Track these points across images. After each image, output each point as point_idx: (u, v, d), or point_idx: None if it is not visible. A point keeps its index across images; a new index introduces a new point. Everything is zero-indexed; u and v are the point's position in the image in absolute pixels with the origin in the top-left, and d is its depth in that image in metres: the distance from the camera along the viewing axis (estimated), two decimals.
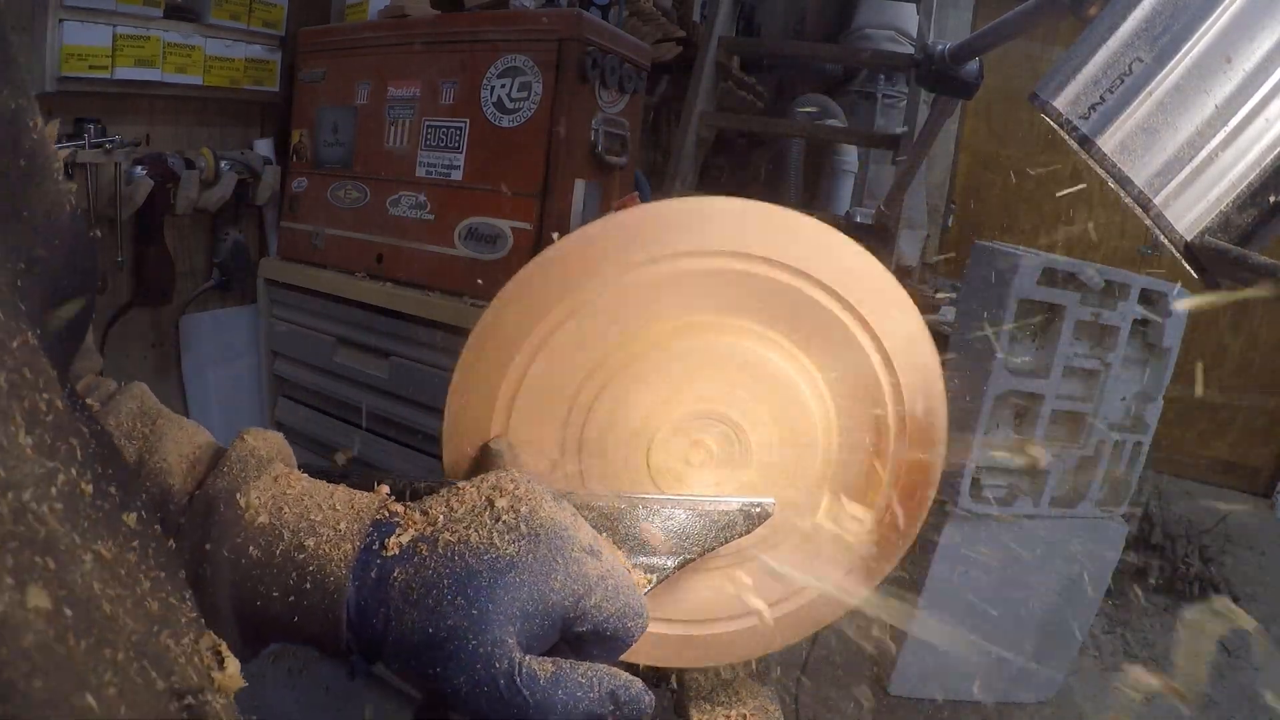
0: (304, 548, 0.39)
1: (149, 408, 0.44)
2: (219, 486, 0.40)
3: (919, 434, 0.57)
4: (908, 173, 1.77)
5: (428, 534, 0.39)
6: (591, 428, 0.55)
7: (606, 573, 0.39)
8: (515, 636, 0.36)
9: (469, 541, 0.38)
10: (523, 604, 0.37)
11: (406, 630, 0.37)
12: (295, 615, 0.38)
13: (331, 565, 0.38)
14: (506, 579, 0.37)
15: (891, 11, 2.95)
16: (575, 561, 0.39)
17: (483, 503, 0.41)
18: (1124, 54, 0.46)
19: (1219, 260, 0.45)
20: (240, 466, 0.41)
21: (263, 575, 0.38)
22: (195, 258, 1.76)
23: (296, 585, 0.38)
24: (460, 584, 0.37)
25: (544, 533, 0.39)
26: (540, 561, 0.38)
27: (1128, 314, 1.69)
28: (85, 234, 0.32)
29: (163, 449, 0.41)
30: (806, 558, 0.58)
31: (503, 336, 0.53)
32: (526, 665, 0.36)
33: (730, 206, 0.53)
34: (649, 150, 2.58)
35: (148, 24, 1.48)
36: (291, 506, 0.40)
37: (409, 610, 0.37)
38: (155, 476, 0.41)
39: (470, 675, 0.35)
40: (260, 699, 1.76)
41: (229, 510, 0.39)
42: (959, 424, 1.55)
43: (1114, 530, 1.87)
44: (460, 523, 0.39)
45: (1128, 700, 1.94)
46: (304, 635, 0.39)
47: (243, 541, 0.39)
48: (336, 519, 0.40)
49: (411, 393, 1.55)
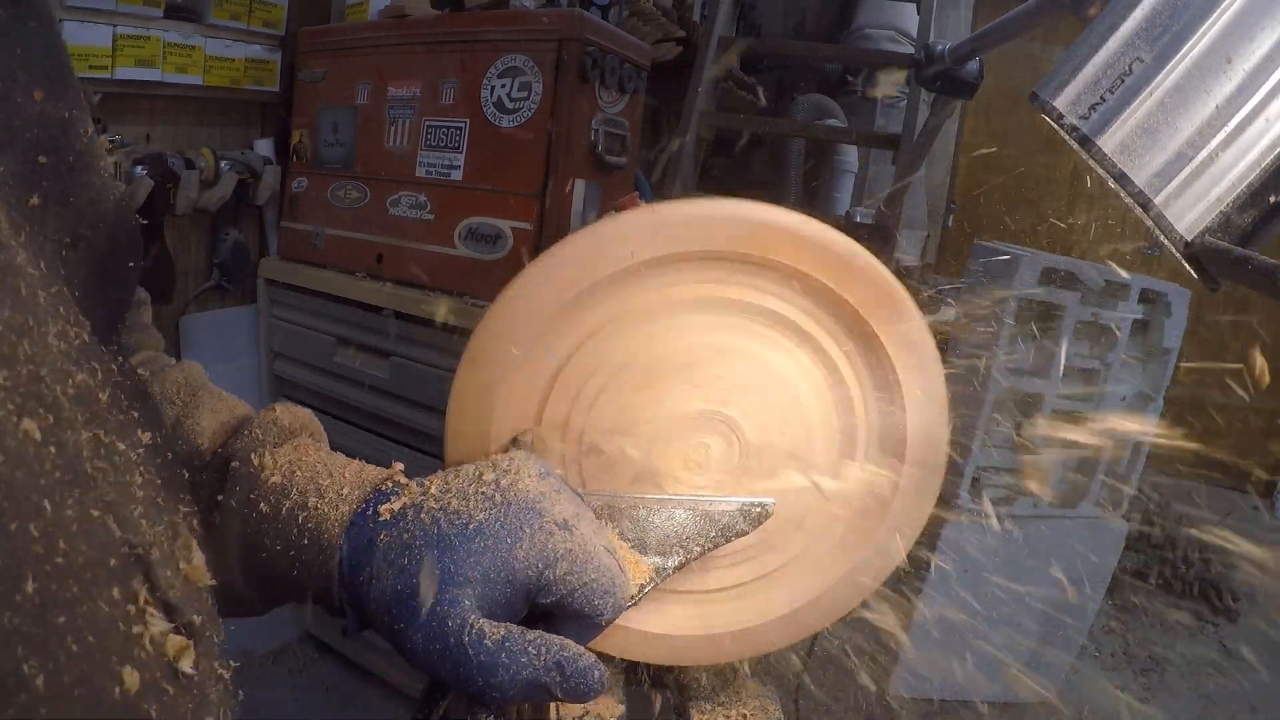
0: (307, 506, 0.41)
1: (194, 381, 0.48)
2: (237, 446, 0.44)
3: (920, 434, 0.57)
4: (908, 173, 1.77)
5: (417, 502, 0.41)
6: (592, 427, 0.55)
7: (576, 548, 0.40)
8: (473, 599, 0.38)
9: (448, 508, 0.40)
10: (485, 568, 0.38)
11: (383, 589, 0.39)
12: (295, 569, 0.41)
13: (328, 524, 0.41)
14: (470, 543, 0.38)
15: (891, 11, 2.95)
16: (544, 532, 0.40)
17: (474, 476, 0.42)
18: (1124, 54, 0.46)
19: (1219, 260, 0.45)
20: (261, 431, 0.45)
21: (269, 529, 0.41)
22: (195, 258, 1.76)
23: (296, 541, 0.41)
24: (429, 545, 0.38)
25: (516, 502, 0.40)
26: (507, 529, 0.39)
27: (1128, 314, 1.69)
28: (129, 221, 0.36)
29: (198, 414, 0.45)
30: (812, 552, 0.58)
31: (504, 336, 0.53)
32: (477, 626, 0.37)
33: (730, 206, 0.52)
34: (649, 150, 2.58)
35: (148, 24, 1.48)
36: (304, 471, 0.43)
37: (386, 570, 0.39)
38: (187, 437, 0.44)
39: (425, 632, 0.37)
40: (260, 699, 1.76)
41: (244, 467, 0.43)
42: (959, 424, 1.56)
43: (1114, 530, 1.87)
44: (449, 493, 0.41)
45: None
46: (304, 591, 0.42)
47: (255, 497, 0.42)
48: (341, 484, 0.42)
49: (411, 393, 1.55)
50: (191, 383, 0.48)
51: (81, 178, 0.32)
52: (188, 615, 0.29)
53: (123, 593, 0.25)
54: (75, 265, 0.31)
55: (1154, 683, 2.14)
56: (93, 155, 0.33)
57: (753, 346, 0.55)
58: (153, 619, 0.27)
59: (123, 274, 0.36)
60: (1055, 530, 1.81)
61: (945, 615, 1.83)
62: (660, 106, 2.58)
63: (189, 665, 0.28)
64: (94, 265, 0.33)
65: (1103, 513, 1.84)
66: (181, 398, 0.46)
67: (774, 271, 0.53)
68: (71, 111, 0.32)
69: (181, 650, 0.28)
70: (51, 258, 0.30)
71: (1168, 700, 2.08)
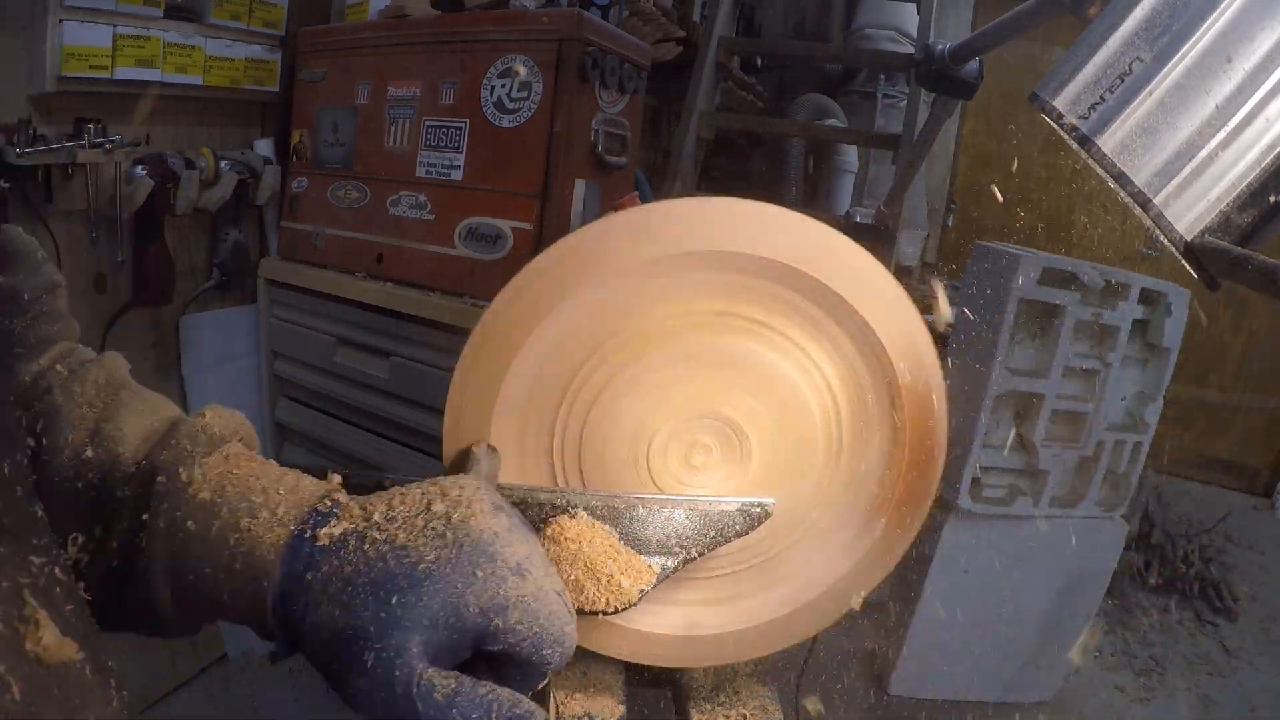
0: (239, 527, 0.39)
1: (116, 379, 0.44)
2: (164, 459, 0.40)
3: (921, 434, 0.57)
4: (908, 173, 1.77)
5: (360, 529, 0.39)
6: (592, 427, 0.55)
7: (529, 594, 0.38)
8: (420, 645, 0.36)
9: (394, 542, 0.38)
10: (434, 614, 0.36)
11: (320, 622, 0.37)
12: (225, 594, 0.39)
13: (262, 548, 0.38)
14: (421, 586, 0.36)
15: (891, 11, 2.95)
16: (496, 578, 0.37)
17: (422, 505, 0.40)
18: (1124, 54, 0.46)
19: (1219, 260, 0.45)
20: (189, 441, 0.41)
21: (197, 549, 0.39)
22: (195, 258, 1.76)
23: (227, 564, 0.38)
24: (376, 585, 0.36)
25: (469, 543, 0.38)
26: (459, 573, 0.37)
27: (1128, 314, 1.69)
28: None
29: (119, 418, 0.41)
30: (818, 549, 0.58)
31: (504, 336, 0.53)
32: (426, 678, 0.35)
33: (730, 205, 0.52)
34: (649, 150, 2.58)
35: (148, 24, 1.48)
36: (235, 485, 0.40)
37: (325, 603, 0.37)
38: (106, 444, 0.41)
39: (370, 678, 0.35)
40: (260, 699, 1.76)
41: (171, 482, 0.40)
42: (959, 424, 1.55)
43: (1114, 530, 1.87)
44: (394, 522, 0.39)
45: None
46: (234, 613, 0.39)
47: (181, 515, 0.39)
48: (276, 503, 0.40)
49: (411, 393, 1.55)
50: (113, 381, 0.44)
51: None
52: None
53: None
54: None
55: (1154, 683, 2.14)
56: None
57: (752, 346, 0.55)
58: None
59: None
60: (1055, 530, 1.81)
61: (945, 615, 1.83)
62: (660, 106, 2.58)
63: None
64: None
65: (1103, 513, 1.83)
66: (101, 399, 0.42)
67: (776, 267, 0.53)
68: None
69: None
70: None
71: (1168, 700, 2.08)
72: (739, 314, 0.54)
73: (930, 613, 1.83)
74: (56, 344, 0.45)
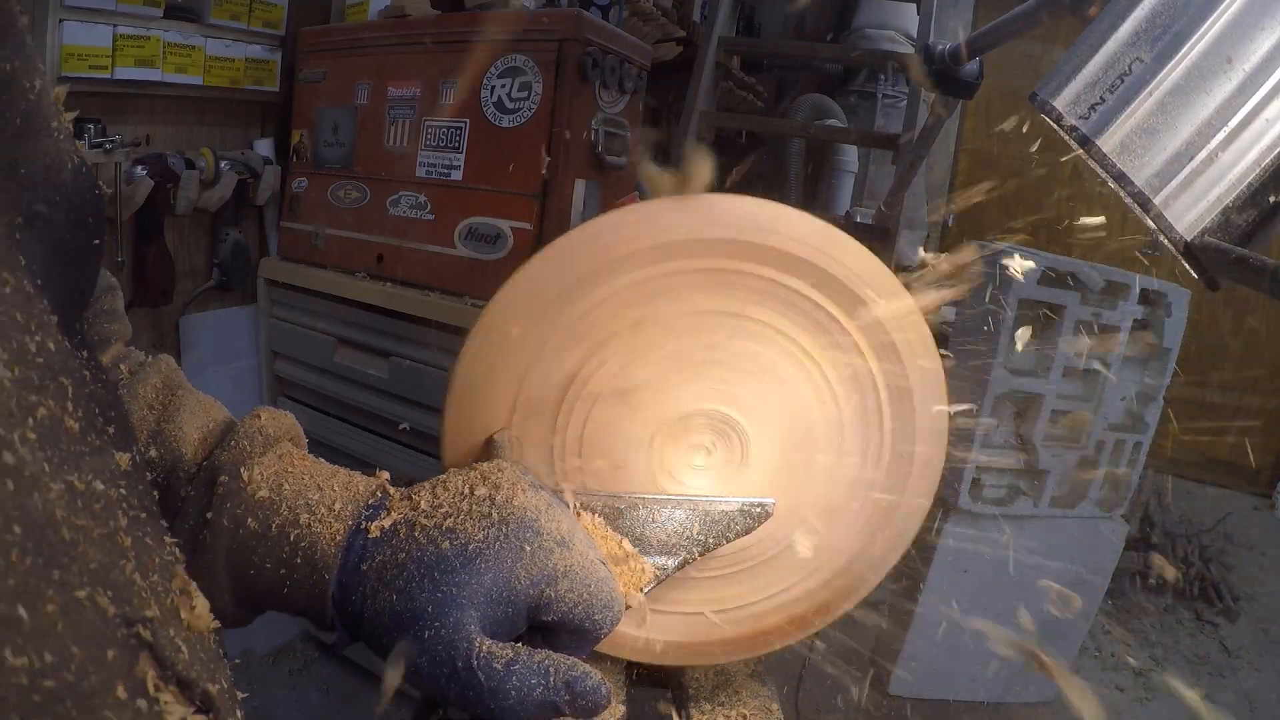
0: (298, 524, 0.40)
1: (172, 380, 0.46)
2: (224, 459, 0.42)
3: (922, 433, 0.57)
4: (908, 173, 1.77)
5: (409, 518, 0.40)
6: (593, 426, 0.55)
7: (575, 564, 0.40)
8: (477, 621, 0.37)
9: (443, 527, 0.39)
10: (487, 589, 0.38)
11: (379, 610, 0.38)
12: (285, 587, 0.40)
13: (322, 543, 0.40)
14: (473, 564, 0.38)
15: (891, 11, 2.95)
16: (543, 550, 0.39)
17: (465, 490, 0.41)
18: (1124, 54, 0.46)
19: (1219, 260, 0.45)
20: (247, 442, 0.43)
21: (258, 546, 0.40)
22: (195, 258, 1.76)
23: (289, 559, 0.40)
24: (429, 567, 0.38)
25: (514, 520, 0.40)
26: (507, 548, 0.39)
27: (1128, 314, 1.69)
28: (91, 191, 0.32)
29: (179, 419, 0.43)
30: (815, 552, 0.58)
31: (504, 335, 0.53)
32: (485, 649, 0.36)
33: (731, 203, 0.53)
34: (649, 150, 2.58)
35: (148, 24, 1.48)
36: (291, 483, 0.42)
37: (382, 590, 0.38)
38: (169, 444, 0.43)
39: (431, 656, 0.36)
40: (260, 699, 1.76)
41: (232, 482, 0.41)
42: (959, 424, 1.55)
43: (1114, 530, 1.87)
44: (440, 509, 0.41)
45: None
46: (294, 607, 0.41)
47: (242, 513, 0.41)
48: (332, 499, 0.42)
49: (411, 393, 1.55)
50: (169, 383, 0.46)
51: (30, 140, 0.28)
52: (202, 684, 0.26)
53: (129, 689, 0.22)
54: (31, 249, 0.27)
55: (1154, 683, 2.14)
56: (44, 114, 0.28)
57: (753, 346, 0.55)
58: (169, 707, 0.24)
59: (86, 255, 0.32)
60: (1055, 530, 1.81)
61: (945, 616, 1.83)
62: (660, 106, 2.58)
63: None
64: (53, 247, 0.29)
65: (1103, 513, 1.83)
66: (161, 401, 0.44)
67: (778, 264, 0.53)
68: (14, 63, 0.27)
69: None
70: (3, 244, 0.26)
71: (1168, 700, 2.08)
72: (744, 314, 0.54)
73: (930, 613, 1.83)
74: (116, 343, 0.47)
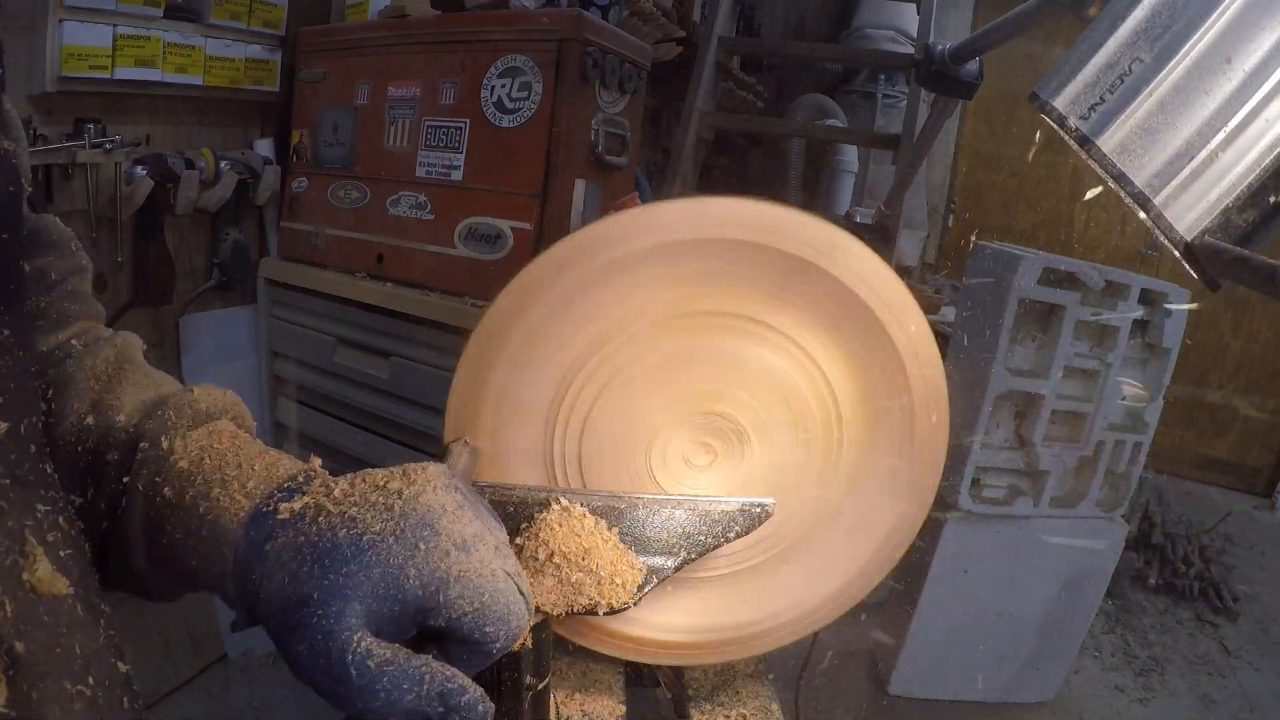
0: (209, 496, 0.40)
1: (125, 356, 0.47)
2: (148, 427, 0.42)
3: (922, 433, 0.57)
4: (908, 173, 1.76)
5: (319, 503, 0.40)
6: (593, 427, 0.55)
7: (472, 570, 0.38)
8: (361, 615, 0.36)
9: (345, 515, 0.38)
10: (374, 583, 0.36)
11: (272, 591, 0.38)
12: (193, 559, 0.40)
13: (227, 516, 0.40)
14: (364, 556, 0.37)
15: (891, 11, 2.95)
16: (438, 551, 0.38)
17: (380, 483, 0.40)
18: (1124, 54, 0.46)
19: (1219, 260, 0.45)
20: (175, 414, 0.43)
21: (170, 515, 0.41)
22: (195, 258, 1.76)
23: (196, 530, 0.40)
24: (321, 554, 0.37)
25: (414, 516, 0.38)
26: (401, 544, 0.37)
27: (1128, 314, 1.68)
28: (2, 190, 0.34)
29: (119, 390, 0.44)
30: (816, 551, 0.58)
31: (504, 336, 0.53)
32: (362, 645, 0.35)
33: (731, 203, 0.52)
34: (648, 150, 2.58)
35: (148, 24, 1.48)
36: (213, 458, 0.42)
37: (277, 572, 0.38)
38: (105, 413, 0.43)
39: (310, 644, 0.36)
40: (260, 699, 1.76)
41: (153, 450, 0.42)
42: (959, 424, 1.55)
43: (1114, 530, 1.87)
44: (350, 498, 0.40)
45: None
46: (204, 582, 0.41)
47: (160, 481, 0.41)
48: (248, 477, 0.41)
49: (411, 393, 1.55)
50: (122, 356, 0.47)
51: None
52: (9, 642, 0.28)
53: None
54: None
55: (1154, 683, 2.14)
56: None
57: (753, 346, 0.55)
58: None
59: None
60: (1055, 530, 1.81)
61: (945, 616, 1.83)
62: (660, 106, 2.58)
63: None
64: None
65: (1103, 513, 1.83)
66: (108, 373, 0.45)
67: (781, 261, 0.53)
68: None
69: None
70: None
71: (1168, 700, 2.08)
72: (740, 313, 0.54)
73: (930, 613, 1.83)
74: (78, 321, 0.48)
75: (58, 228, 0.48)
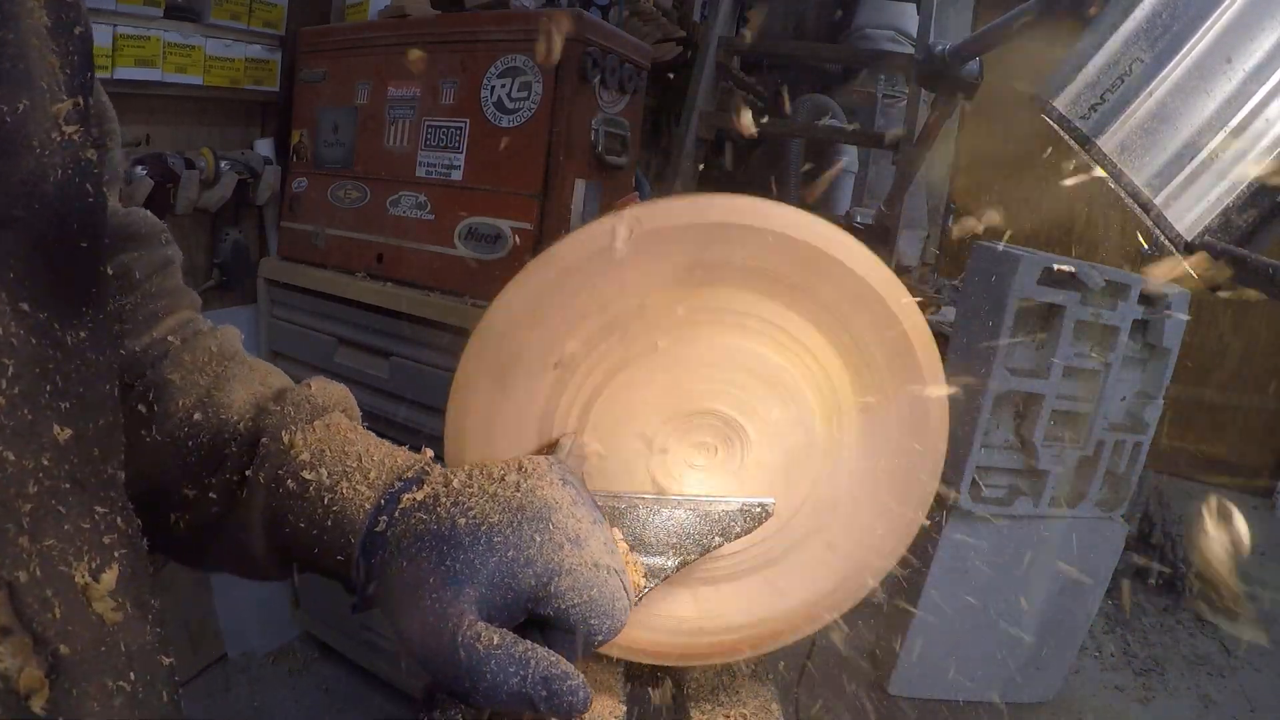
0: (333, 488, 0.43)
1: (228, 350, 0.48)
2: (268, 423, 0.45)
3: (922, 432, 0.57)
4: (908, 173, 1.77)
5: (439, 494, 0.42)
6: (593, 426, 0.55)
7: (582, 564, 0.39)
8: (475, 600, 0.38)
9: (463, 505, 0.40)
10: (490, 571, 0.38)
11: (391, 575, 0.40)
12: (316, 547, 0.42)
13: (352, 507, 0.42)
14: (482, 544, 0.39)
15: (891, 11, 2.95)
16: (553, 544, 0.39)
17: (497, 475, 0.42)
18: (1124, 54, 0.46)
19: (1218, 260, 0.45)
20: (293, 409, 0.45)
21: (294, 506, 0.43)
22: (195, 258, 1.76)
23: (320, 520, 0.42)
24: (441, 540, 0.39)
25: (530, 509, 0.40)
26: (517, 535, 0.39)
27: (1128, 314, 1.68)
28: (78, 200, 0.34)
29: (229, 386, 0.46)
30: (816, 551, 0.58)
31: (504, 336, 0.53)
32: (472, 629, 0.37)
33: (732, 203, 0.52)
34: (649, 150, 2.58)
35: (148, 24, 1.48)
36: (333, 451, 0.44)
37: (397, 557, 0.40)
38: (215, 410, 0.45)
39: (423, 625, 0.37)
40: (260, 699, 1.76)
41: (273, 444, 0.44)
42: (959, 424, 1.55)
43: (1114, 530, 1.87)
44: (469, 489, 0.42)
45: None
46: (322, 567, 0.43)
47: (283, 473, 0.43)
48: (368, 469, 0.44)
49: (411, 393, 1.55)
50: (224, 351, 0.48)
51: (9, 160, 0.31)
52: (54, 644, 0.28)
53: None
54: (8, 246, 0.30)
55: (1154, 683, 2.14)
56: (27, 133, 0.31)
57: (754, 346, 0.55)
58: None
59: (74, 254, 0.34)
60: (1055, 530, 1.80)
61: (945, 615, 1.83)
62: (660, 106, 2.58)
63: (40, 704, 0.27)
64: (34, 246, 0.31)
65: (1103, 513, 1.83)
66: (213, 368, 0.47)
67: (782, 260, 0.53)
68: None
69: (34, 687, 0.27)
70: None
71: (1167, 700, 2.08)
72: (745, 310, 0.54)
73: (930, 613, 1.83)
74: (171, 315, 0.49)
75: (147, 221, 0.49)
